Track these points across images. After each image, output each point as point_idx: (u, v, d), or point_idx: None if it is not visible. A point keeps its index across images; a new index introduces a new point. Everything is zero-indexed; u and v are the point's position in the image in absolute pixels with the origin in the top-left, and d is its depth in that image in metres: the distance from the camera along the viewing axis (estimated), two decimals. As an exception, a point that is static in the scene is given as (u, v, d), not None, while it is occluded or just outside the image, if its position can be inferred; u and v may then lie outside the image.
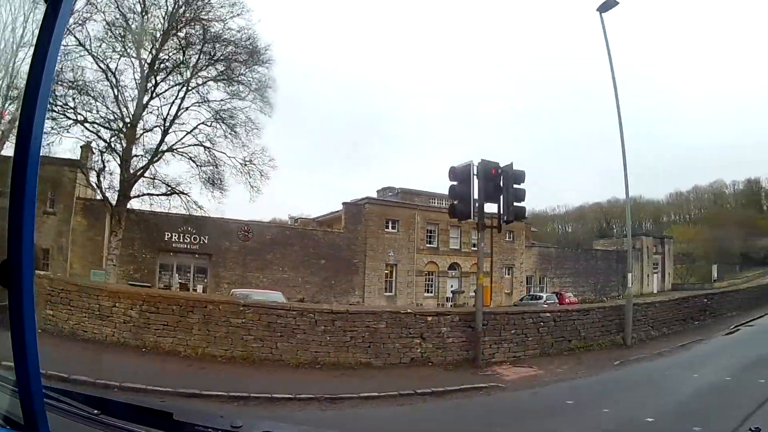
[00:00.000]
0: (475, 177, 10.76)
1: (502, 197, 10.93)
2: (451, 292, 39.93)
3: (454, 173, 10.85)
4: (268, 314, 10.00)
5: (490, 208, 11.29)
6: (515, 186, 11.00)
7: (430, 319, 10.72)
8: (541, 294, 40.67)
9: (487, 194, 10.87)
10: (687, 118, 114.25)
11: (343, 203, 37.63)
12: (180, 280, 29.90)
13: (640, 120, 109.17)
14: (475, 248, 40.93)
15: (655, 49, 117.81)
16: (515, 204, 11.00)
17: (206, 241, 30.44)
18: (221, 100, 23.40)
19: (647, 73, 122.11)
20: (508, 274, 45.06)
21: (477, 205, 10.89)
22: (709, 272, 66.66)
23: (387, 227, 37.92)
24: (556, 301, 37.24)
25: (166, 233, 29.21)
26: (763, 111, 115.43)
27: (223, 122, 23.16)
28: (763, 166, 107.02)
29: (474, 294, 39.61)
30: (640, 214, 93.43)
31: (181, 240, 29.80)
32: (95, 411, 1.44)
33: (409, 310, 11.09)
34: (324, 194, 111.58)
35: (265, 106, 23.97)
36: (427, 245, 39.98)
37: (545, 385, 9.20)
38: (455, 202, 11.00)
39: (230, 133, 23.25)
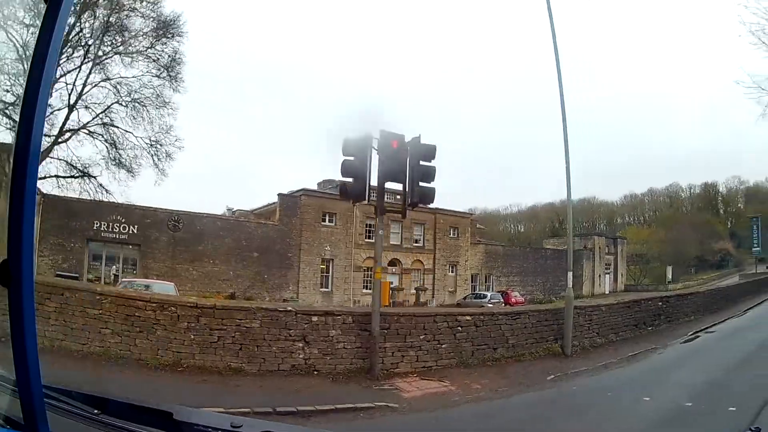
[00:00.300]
0: (374, 151, 9.09)
1: (406, 176, 9.23)
2: (391, 289, 37.98)
3: (347, 146, 8.98)
4: (126, 305, 8.72)
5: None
6: (423, 163, 9.23)
7: (315, 319, 8.96)
8: (485, 293, 39.42)
9: (386, 172, 9.11)
10: (645, 122, 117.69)
11: (279, 194, 36.01)
12: (115, 272, 28.43)
13: (596, 123, 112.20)
14: (418, 244, 42.03)
15: (616, 54, 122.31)
16: (422, 184, 9.21)
17: (135, 231, 29.11)
18: (130, 76, 22.70)
19: (607, 79, 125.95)
20: (452, 272, 43.75)
21: (378, 186, 9.32)
22: (664, 274, 65.85)
23: (324, 220, 36.57)
24: (501, 300, 36.38)
25: (96, 222, 27.88)
26: (720, 118, 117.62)
27: (130, 100, 22.42)
28: (720, 172, 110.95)
29: (415, 291, 39.30)
30: (594, 215, 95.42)
31: (110, 229, 28.44)
32: (95, 411, 1.44)
33: (289, 308, 9.22)
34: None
35: (174, 82, 23.34)
36: (367, 240, 37.95)
37: (453, 407, 7.47)
38: (347, 181, 9.12)
39: (137, 111, 22.54)
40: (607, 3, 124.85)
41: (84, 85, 21.46)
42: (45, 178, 21.50)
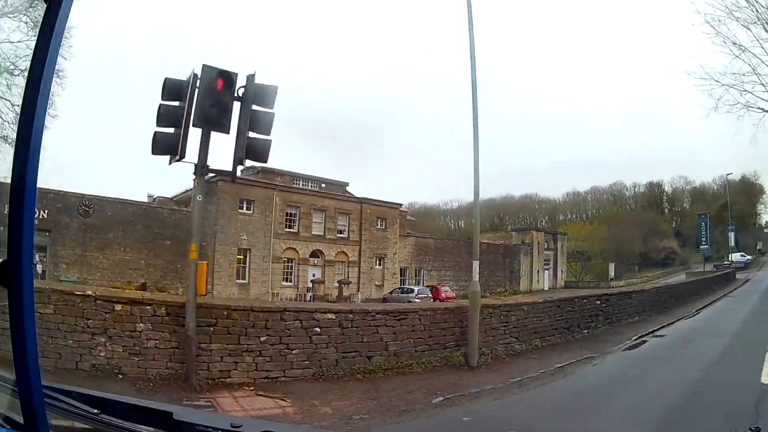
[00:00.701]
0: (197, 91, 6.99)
1: (232, 122, 7.14)
2: (311, 281, 36.74)
3: (168, 87, 7.03)
4: None
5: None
6: (257, 108, 7.19)
7: (119, 308, 7.07)
8: (413, 287, 37.78)
9: (208, 117, 6.99)
10: (591, 122, 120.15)
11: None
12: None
13: (542, 123, 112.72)
14: (342, 235, 39.94)
15: (561, 49, 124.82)
16: (253, 135, 7.21)
17: (46, 216, 27.02)
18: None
19: (553, 77, 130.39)
20: (379, 265, 41.63)
21: (202, 138, 7.14)
22: (606, 270, 65.01)
23: (241, 207, 34.27)
24: (430, 295, 34.99)
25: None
26: (665, 122, 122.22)
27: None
28: (664, 172, 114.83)
29: (337, 285, 37.34)
30: (536, 212, 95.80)
31: (17, 213, 25.82)
32: (95, 411, 1.44)
33: (88, 292, 7.23)
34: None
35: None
36: (287, 230, 36.71)
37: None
38: (163, 131, 6.96)
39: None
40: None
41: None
42: None
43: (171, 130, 6.99)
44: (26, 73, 1.20)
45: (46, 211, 27.17)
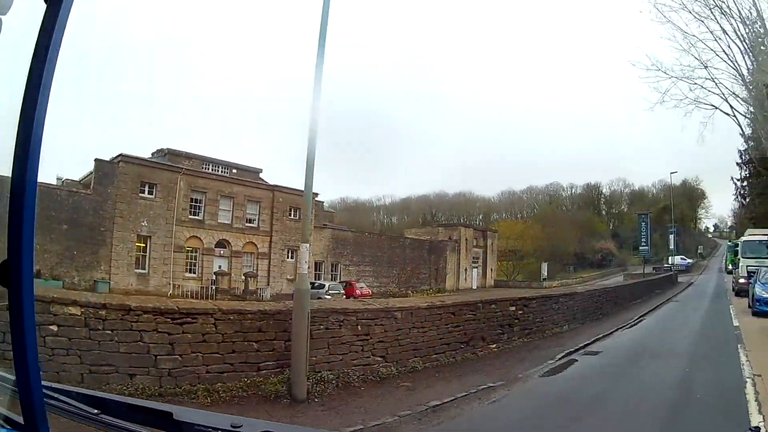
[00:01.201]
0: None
1: None
2: (215, 273, 34.72)
3: None
4: None
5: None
6: None
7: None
8: (324, 282, 34.72)
9: None
10: (532, 122, 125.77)
11: (96, 159, 31.44)
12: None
13: (480, 122, 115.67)
14: (252, 224, 37.40)
15: (498, 50, 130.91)
16: None
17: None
18: None
19: (491, 78, 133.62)
20: (291, 258, 38.89)
21: None
22: (539, 270, 63.44)
23: (143, 191, 32.19)
24: (342, 291, 33.36)
25: None
26: (607, 124, 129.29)
27: None
28: (603, 174, 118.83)
29: (244, 278, 34.98)
30: (470, 209, 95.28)
31: None
32: (95, 411, 1.44)
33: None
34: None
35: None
36: (191, 217, 34.57)
37: None
38: None
39: None
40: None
41: None
42: None
43: None
44: (26, 74, 1.21)
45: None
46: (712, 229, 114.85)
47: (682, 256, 65.23)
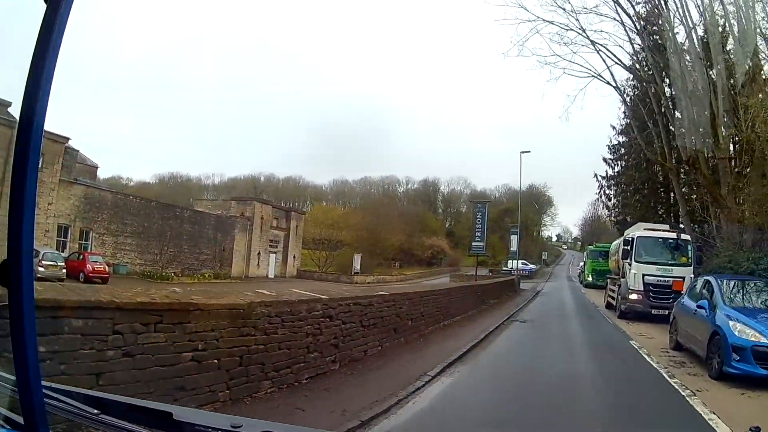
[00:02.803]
0: None
1: None
2: None
3: None
4: None
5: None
6: None
7: None
8: (39, 249, 23.20)
9: None
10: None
11: None
12: None
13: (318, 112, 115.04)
14: None
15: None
16: None
17: None
18: None
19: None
20: None
21: None
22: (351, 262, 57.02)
23: None
24: (62, 264, 24.40)
25: None
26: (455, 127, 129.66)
27: None
28: (444, 172, 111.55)
29: None
30: (300, 195, 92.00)
31: None
32: (95, 411, 1.45)
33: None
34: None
35: None
36: None
37: None
38: None
39: None
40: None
41: None
42: None
43: None
44: (26, 74, 1.21)
45: None
46: (555, 239, 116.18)
47: (524, 261, 60.86)
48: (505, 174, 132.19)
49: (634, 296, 16.94)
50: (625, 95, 28.77)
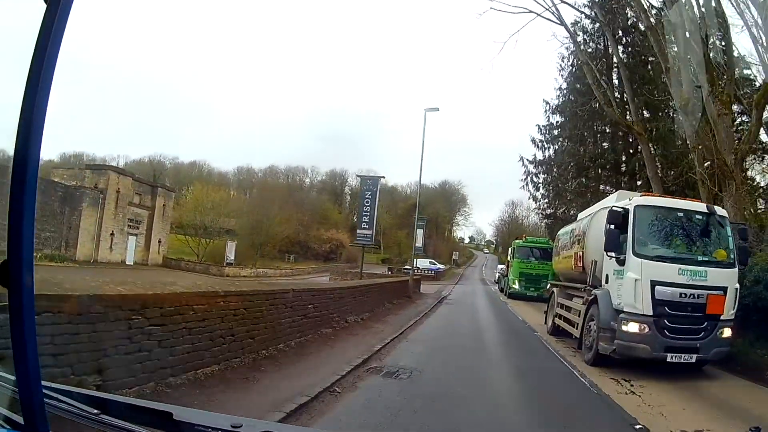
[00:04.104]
0: None
1: None
2: None
3: None
4: None
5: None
6: None
7: None
8: None
9: None
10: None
11: None
12: None
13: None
14: None
15: None
16: None
17: None
18: None
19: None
20: None
21: None
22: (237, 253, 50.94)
23: None
24: None
25: None
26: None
27: None
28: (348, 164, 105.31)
29: None
30: (203, 180, 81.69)
31: None
32: (95, 411, 1.45)
33: None
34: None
35: None
36: None
37: None
38: None
39: None
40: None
41: None
42: None
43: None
44: (26, 74, 1.21)
45: None
46: (468, 240, 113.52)
47: (432, 260, 56.79)
48: (415, 171, 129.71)
49: (633, 327, 8.66)
50: (575, 35, 23.57)
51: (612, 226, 9.17)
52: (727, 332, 8.83)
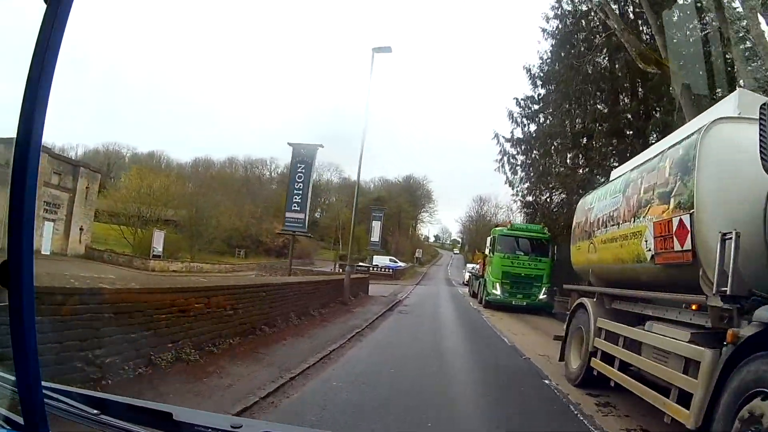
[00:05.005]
0: None
1: None
2: None
3: None
4: None
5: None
6: None
7: None
8: None
9: None
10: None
11: None
12: None
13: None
14: None
15: None
16: None
17: None
18: None
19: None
20: None
21: None
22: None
23: None
24: None
25: None
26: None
27: None
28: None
29: None
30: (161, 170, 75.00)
31: None
32: (95, 411, 1.45)
33: None
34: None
35: None
36: None
37: None
38: None
39: None
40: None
41: None
42: None
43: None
44: (26, 74, 1.21)
45: None
46: (433, 239, 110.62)
47: (393, 258, 53.00)
48: (379, 166, 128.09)
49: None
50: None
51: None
52: None
